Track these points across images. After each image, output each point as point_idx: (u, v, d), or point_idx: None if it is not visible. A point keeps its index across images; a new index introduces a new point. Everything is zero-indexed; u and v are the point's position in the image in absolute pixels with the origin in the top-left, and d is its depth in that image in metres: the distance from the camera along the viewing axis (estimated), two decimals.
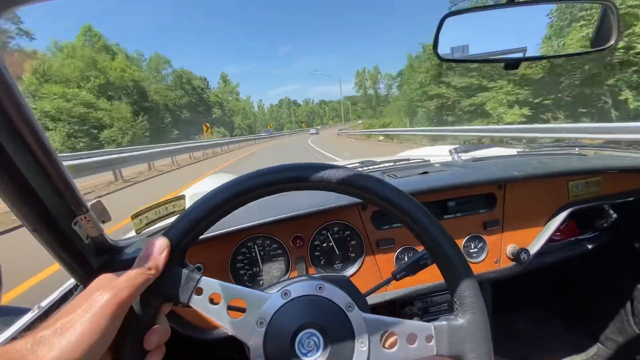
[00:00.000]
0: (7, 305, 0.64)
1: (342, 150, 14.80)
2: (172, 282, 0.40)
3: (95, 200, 0.62)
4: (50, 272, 2.98)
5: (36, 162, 0.45)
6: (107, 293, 0.34)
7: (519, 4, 0.52)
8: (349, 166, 1.09)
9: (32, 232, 0.51)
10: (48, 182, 0.48)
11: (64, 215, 0.53)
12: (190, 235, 0.42)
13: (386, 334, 0.43)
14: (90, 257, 0.62)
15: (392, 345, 0.42)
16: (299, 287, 0.44)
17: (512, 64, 0.57)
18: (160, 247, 0.40)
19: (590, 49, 0.62)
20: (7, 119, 0.40)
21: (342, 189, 0.44)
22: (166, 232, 0.41)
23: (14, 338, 0.54)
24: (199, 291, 0.41)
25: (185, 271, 0.41)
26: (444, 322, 0.43)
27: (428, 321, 0.43)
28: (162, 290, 0.40)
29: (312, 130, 56.83)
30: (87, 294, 0.35)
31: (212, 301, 0.41)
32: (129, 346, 0.38)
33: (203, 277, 0.42)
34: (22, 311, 0.62)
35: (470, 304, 0.43)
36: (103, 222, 0.63)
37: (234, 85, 78.35)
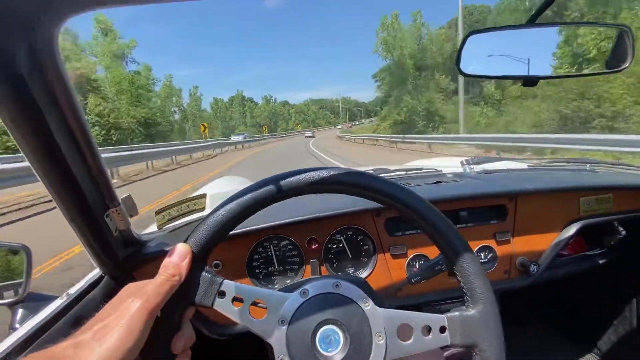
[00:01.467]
0: (37, 292, 0.67)
1: None
2: (196, 288, 0.42)
3: (125, 195, 0.65)
4: None
5: (82, 158, 0.49)
6: (138, 300, 0.36)
7: (538, 25, 0.55)
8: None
9: (69, 221, 0.54)
10: (89, 176, 0.51)
11: (98, 207, 0.56)
12: (210, 243, 0.44)
13: (402, 327, 0.44)
14: (117, 249, 0.65)
15: (407, 337, 0.44)
16: (317, 285, 0.46)
17: (530, 81, 0.60)
18: (183, 255, 0.42)
19: (605, 70, 0.65)
20: (65, 121, 0.44)
21: (362, 193, 0.47)
22: (187, 239, 0.44)
23: (44, 324, 0.56)
24: (222, 294, 0.43)
25: (207, 276, 0.43)
26: (457, 313, 0.45)
27: None
28: (186, 295, 0.42)
29: (308, 133, 51.24)
30: (118, 301, 0.37)
31: (234, 303, 0.43)
32: (158, 350, 0.40)
33: (225, 281, 0.43)
34: (50, 298, 0.65)
35: (481, 294, 0.44)
36: (131, 215, 0.66)
37: (126, 42, 31.91)
